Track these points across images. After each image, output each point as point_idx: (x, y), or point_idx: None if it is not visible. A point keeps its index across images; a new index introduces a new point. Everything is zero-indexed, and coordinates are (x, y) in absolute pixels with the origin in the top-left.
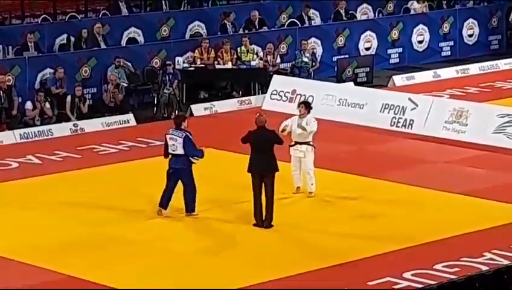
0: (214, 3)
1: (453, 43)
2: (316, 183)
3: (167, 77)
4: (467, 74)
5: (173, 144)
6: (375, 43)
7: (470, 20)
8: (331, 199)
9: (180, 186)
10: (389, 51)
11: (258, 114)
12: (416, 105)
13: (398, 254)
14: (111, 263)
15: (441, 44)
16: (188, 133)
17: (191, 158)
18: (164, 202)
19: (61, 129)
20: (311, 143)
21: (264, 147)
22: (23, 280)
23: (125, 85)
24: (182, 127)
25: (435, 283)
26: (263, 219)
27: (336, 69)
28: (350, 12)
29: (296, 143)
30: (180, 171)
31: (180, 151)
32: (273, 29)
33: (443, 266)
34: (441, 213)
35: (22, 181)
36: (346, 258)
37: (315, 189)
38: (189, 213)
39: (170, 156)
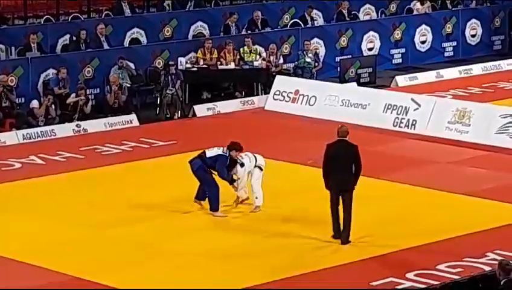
0: (217, 4)
1: (455, 44)
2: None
3: (170, 77)
4: (469, 74)
5: (212, 148)
6: (377, 44)
7: (473, 20)
8: None
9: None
10: (392, 51)
11: (341, 125)
12: (419, 105)
13: (400, 254)
14: (115, 264)
15: (444, 44)
16: (227, 157)
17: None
18: (198, 195)
19: (64, 130)
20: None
21: (344, 164)
22: (27, 281)
23: (128, 86)
24: (231, 153)
25: (437, 283)
26: (340, 231)
27: (338, 70)
28: (353, 12)
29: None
30: (194, 173)
31: (208, 155)
32: (276, 29)
33: (446, 267)
34: (443, 213)
35: (25, 182)
36: (349, 259)
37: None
38: (211, 211)
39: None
